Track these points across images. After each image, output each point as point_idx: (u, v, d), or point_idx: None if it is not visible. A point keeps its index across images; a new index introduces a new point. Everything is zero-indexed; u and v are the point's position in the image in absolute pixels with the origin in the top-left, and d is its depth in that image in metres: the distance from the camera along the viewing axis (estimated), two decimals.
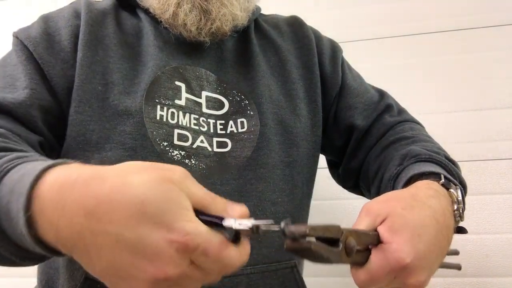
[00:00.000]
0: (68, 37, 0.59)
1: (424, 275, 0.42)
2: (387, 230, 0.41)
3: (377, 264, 0.40)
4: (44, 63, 0.56)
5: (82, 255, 0.33)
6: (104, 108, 0.56)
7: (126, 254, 0.31)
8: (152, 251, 0.31)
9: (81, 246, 0.33)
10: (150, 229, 0.31)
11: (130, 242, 0.31)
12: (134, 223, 0.31)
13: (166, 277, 0.31)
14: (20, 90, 0.53)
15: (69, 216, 0.32)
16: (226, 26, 0.63)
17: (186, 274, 0.32)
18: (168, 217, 0.31)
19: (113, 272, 0.33)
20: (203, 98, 0.62)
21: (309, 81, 0.69)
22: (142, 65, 0.61)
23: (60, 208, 0.33)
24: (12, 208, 0.35)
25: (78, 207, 0.32)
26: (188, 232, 0.31)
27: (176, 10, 0.60)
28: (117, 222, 0.31)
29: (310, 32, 0.74)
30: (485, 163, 1.05)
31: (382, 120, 0.69)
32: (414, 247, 0.40)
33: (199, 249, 0.32)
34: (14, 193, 0.35)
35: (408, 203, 0.44)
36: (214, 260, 0.33)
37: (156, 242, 0.31)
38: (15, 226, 0.35)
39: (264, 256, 0.57)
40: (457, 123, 1.07)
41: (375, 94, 0.73)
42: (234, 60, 0.67)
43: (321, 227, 0.36)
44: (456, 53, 1.11)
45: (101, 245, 0.32)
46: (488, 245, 1.00)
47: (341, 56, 0.75)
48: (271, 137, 0.62)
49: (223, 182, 0.57)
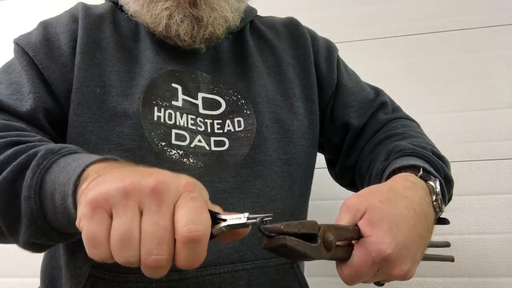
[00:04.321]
0: (67, 42, 0.60)
1: (407, 264, 0.43)
2: (366, 223, 0.42)
3: (359, 258, 0.42)
4: (44, 68, 0.58)
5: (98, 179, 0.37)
6: (102, 110, 0.57)
7: (120, 173, 0.36)
8: (137, 176, 0.35)
9: (102, 176, 0.37)
10: (156, 172, 0.36)
11: (132, 172, 0.36)
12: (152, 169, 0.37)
13: (153, 187, 0.33)
14: (26, 96, 0.55)
15: (114, 165, 0.39)
16: (219, 30, 0.64)
17: (164, 202, 0.34)
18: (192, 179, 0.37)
19: (101, 179, 0.36)
20: (199, 100, 0.63)
21: (306, 80, 0.70)
22: (139, 67, 0.62)
23: (107, 164, 0.39)
24: (69, 171, 0.40)
25: (121, 164, 0.40)
26: (195, 181, 0.36)
27: (168, 22, 0.61)
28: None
29: (306, 32, 0.75)
30: (485, 163, 1.04)
31: (376, 118, 0.70)
32: (394, 238, 0.42)
33: (194, 192, 0.35)
34: (74, 161, 0.41)
35: (385, 196, 0.45)
36: (195, 208, 0.34)
37: (145, 175, 0.35)
38: (61, 186, 0.39)
39: (264, 251, 0.57)
40: (457, 123, 1.07)
41: (370, 92, 0.74)
42: (229, 61, 0.68)
43: (296, 223, 0.37)
44: (456, 53, 1.11)
45: (117, 171, 0.37)
46: (488, 245, 1.00)
47: (336, 55, 0.76)
48: (268, 135, 0.63)
49: (221, 180, 0.58)
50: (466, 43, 1.11)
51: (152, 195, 0.33)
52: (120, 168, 0.38)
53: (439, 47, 1.13)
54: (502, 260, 0.99)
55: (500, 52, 1.09)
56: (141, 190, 0.33)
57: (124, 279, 0.52)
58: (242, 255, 0.56)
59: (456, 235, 1.02)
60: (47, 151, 0.43)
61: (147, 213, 0.33)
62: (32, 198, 0.41)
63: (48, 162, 0.42)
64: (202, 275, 0.53)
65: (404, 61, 1.14)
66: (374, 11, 1.18)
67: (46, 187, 0.41)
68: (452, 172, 0.59)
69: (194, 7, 0.62)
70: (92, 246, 0.33)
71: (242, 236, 0.39)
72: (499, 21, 1.10)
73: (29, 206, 0.41)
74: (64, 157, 0.43)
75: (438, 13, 1.14)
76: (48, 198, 0.41)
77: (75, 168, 0.39)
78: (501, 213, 1.02)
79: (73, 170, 0.39)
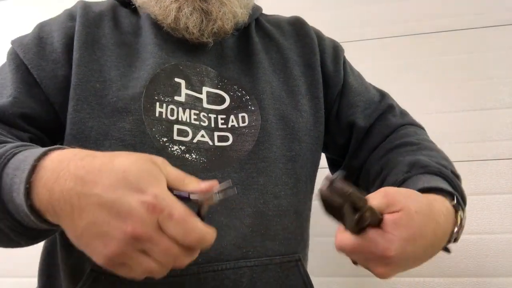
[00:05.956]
0: (60, 39, 0.60)
1: (394, 272, 0.45)
2: (393, 222, 0.43)
3: (368, 241, 0.43)
4: (33, 67, 0.58)
5: (67, 217, 0.38)
6: (103, 105, 0.57)
7: (104, 213, 0.36)
8: (126, 210, 0.36)
9: (68, 208, 0.37)
10: (128, 192, 0.36)
11: (109, 202, 0.36)
12: (115, 187, 0.36)
13: (134, 234, 0.35)
14: (4, 98, 0.56)
15: (62, 181, 0.38)
16: (227, 25, 0.64)
17: (153, 237, 0.36)
18: (144, 184, 0.37)
19: (90, 231, 0.37)
20: (203, 94, 0.62)
21: (311, 78, 0.70)
22: (140, 62, 0.61)
23: (56, 175, 0.38)
24: (15, 182, 0.40)
25: (70, 174, 0.38)
26: (157, 196, 0.36)
27: (178, 14, 0.61)
28: (101, 186, 0.36)
29: (311, 31, 0.75)
30: (485, 163, 1.04)
31: (385, 121, 0.70)
32: (405, 248, 0.43)
33: (166, 211, 0.36)
34: (19, 169, 0.41)
35: (422, 210, 0.46)
36: (178, 223, 0.36)
37: (130, 202, 0.36)
38: (15, 198, 0.40)
39: (267, 248, 0.57)
40: (457, 123, 1.07)
41: (376, 94, 0.74)
42: (235, 57, 0.68)
43: (357, 194, 0.40)
44: (456, 53, 1.11)
45: (84, 205, 0.36)
46: (488, 245, 1.00)
47: (343, 55, 0.76)
48: (272, 132, 0.62)
49: (224, 175, 0.58)
50: (466, 43, 1.11)
51: (137, 242, 0.36)
52: (74, 202, 0.38)
53: (439, 47, 1.13)
54: (502, 260, 0.99)
55: (500, 52, 1.09)
56: (126, 248, 0.36)
57: None
58: (245, 252, 0.55)
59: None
60: None
61: (149, 252, 0.37)
62: (2, 219, 0.43)
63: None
64: (204, 271, 0.53)
65: (404, 61, 1.14)
66: (374, 11, 1.18)
67: (5, 202, 0.42)
68: None
69: (203, 1, 0.62)
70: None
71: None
72: (499, 21, 1.10)
73: (5, 225, 0.43)
74: (7, 165, 0.43)
75: (438, 13, 1.14)
76: (15, 213, 0.42)
77: (19, 189, 0.40)
78: (501, 213, 1.02)
79: (19, 190, 0.40)
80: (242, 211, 0.57)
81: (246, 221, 0.56)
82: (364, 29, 1.17)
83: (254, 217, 0.57)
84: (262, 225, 0.57)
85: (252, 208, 0.57)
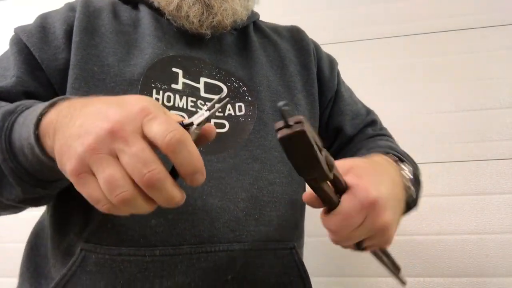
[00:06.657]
0: (61, 26, 0.61)
1: (390, 216, 0.46)
2: (352, 176, 0.46)
3: (348, 203, 0.44)
4: (35, 49, 0.59)
5: (61, 128, 0.38)
6: (100, 88, 0.58)
7: (77, 129, 0.36)
8: (93, 128, 0.35)
9: (60, 129, 0.38)
10: (104, 112, 0.36)
11: (85, 121, 0.36)
12: (98, 106, 0.37)
13: (112, 129, 0.34)
14: (8, 79, 0.57)
15: (63, 111, 0.40)
16: (227, 20, 0.66)
17: (129, 138, 0.34)
18: (143, 98, 0.37)
19: (64, 145, 0.37)
20: (201, 84, 0.64)
21: (307, 77, 0.73)
22: (138, 50, 0.63)
23: (59, 110, 0.41)
24: (28, 124, 0.42)
25: (69, 106, 0.40)
26: (154, 104, 0.37)
27: (180, 2, 0.64)
28: (102, 100, 0.38)
29: (308, 38, 0.78)
30: (485, 163, 1.05)
31: (365, 132, 0.76)
32: (378, 188, 0.45)
33: (152, 114, 0.35)
34: (30, 114, 0.43)
35: (368, 160, 0.51)
36: (161, 123, 0.35)
37: (98, 123, 0.35)
38: (23, 133, 0.43)
39: (261, 234, 0.58)
40: (457, 123, 1.07)
41: (362, 108, 0.80)
42: (233, 52, 0.70)
43: (312, 130, 0.36)
44: (456, 53, 1.12)
45: (72, 124, 0.37)
46: (488, 245, 1.00)
47: (337, 68, 0.80)
48: (268, 122, 0.64)
49: (219, 159, 0.59)
50: (466, 43, 1.11)
51: (113, 138, 0.34)
52: (74, 113, 0.39)
53: (439, 47, 1.13)
54: (502, 260, 0.99)
55: (500, 52, 1.09)
56: (102, 141, 0.34)
57: (116, 252, 0.52)
58: (239, 235, 0.56)
59: (457, 235, 1.02)
60: (4, 113, 0.46)
61: (120, 153, 0.34)
62: (7, 159, 0.44)
63: (9, 123, 0.45)
64: (197, 252, 0.53)
65: (404, 61, 1.14)
66: (374, 11, 1.18)
67: (15, 146, 0.44)
68: (452, 172, 0.59)
69: None
70: (95, 203, 0.36)
71: (213, 137, 0.41)
72: (499, 21, 1.11)
73: (8, 166, 0.45)
74: (21, 114, 0.46)
75: (438, 13, 1.15)
76: (21, 155, 0.44)
77: (32, 119, 0.42)
78: (501, 213, 1.02)
79: (31, 122, 0.42)
80: (236, 195, 0.57)
81: (240, 205, 0.57)
82: (364, 29, 1.17)
83: (248, 202, 0.58)
84: (256, 209, 0.58)
85: (246, 193, 0.58)
